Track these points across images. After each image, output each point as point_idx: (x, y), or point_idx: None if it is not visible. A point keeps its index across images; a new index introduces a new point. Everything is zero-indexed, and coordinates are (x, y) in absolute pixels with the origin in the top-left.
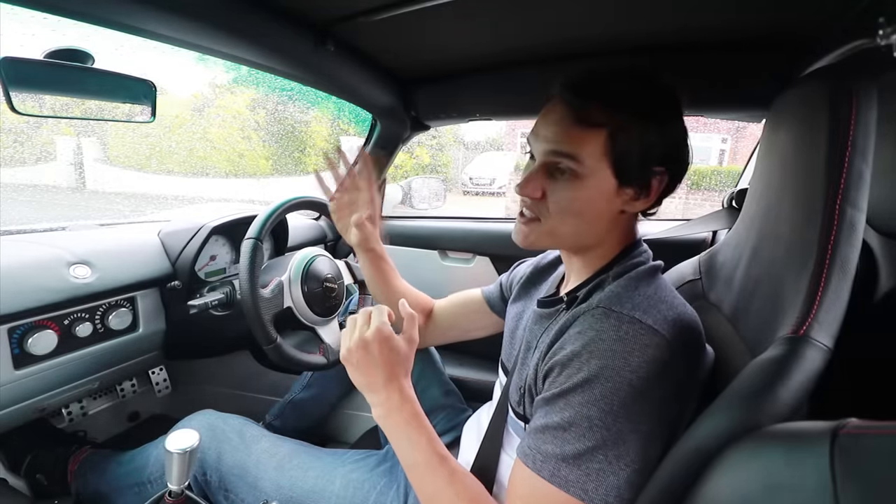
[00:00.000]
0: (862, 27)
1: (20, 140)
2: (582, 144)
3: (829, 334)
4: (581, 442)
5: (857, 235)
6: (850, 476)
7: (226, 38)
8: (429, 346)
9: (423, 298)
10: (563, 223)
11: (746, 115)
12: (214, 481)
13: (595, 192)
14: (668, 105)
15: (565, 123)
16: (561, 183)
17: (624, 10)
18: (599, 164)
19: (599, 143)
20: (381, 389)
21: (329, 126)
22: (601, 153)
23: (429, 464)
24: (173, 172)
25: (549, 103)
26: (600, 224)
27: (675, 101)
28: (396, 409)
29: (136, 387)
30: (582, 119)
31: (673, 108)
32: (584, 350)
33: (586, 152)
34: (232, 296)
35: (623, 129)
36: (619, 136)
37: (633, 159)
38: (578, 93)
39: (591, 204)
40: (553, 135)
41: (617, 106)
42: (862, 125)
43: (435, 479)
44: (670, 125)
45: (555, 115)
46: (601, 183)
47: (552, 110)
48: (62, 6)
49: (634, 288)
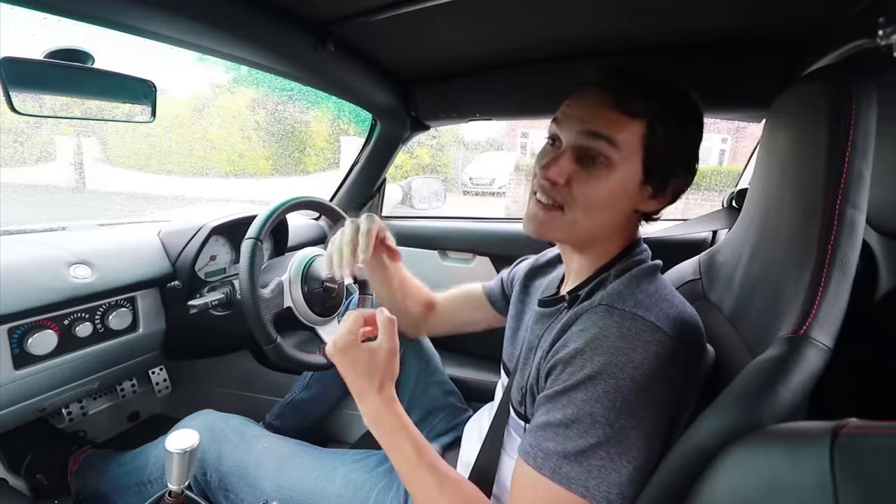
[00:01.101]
0: (862, 27)
1: (20, 140)
2: (621, 130)
3: (829, 334)
4: (583, 439)
5: (857, 235)
6: (850, 476)
7: (226, 38)
8: (429, 335)
9: (423, 292)
10: (587, 215)
11: (746, 115)
12: (214, 481)
13: (621, 185)
14: (695, 107)
15: (605, 108)
16: (591, 171)
17: (624, 11)
18: (633, 156)
19: (637, 133)
20: (364, 396)
21: (329, 126)
22: (637, 144)
23: (415, 471)
24: (173, 172)
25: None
26: (616, 220)
27: (698, 105)
28: (380, 417)
29: (136, 387)
30: (624, 106)
31: (699, 112)
32: (587, 347)
33: (624, 138)
34: (232, 296)
35: (661, 121)
36: (656, 129)
37: (663, 156)
38: (622, 81)
39: (616, 197)
40: (591, 116)
41: (658, 98)
42: (862, 125)
43: (424, 486)
44: (696, 127)
45: (593, 99)
46: (629, 176)
47: (588, 96)
48: (62, 6)
49: (636, 286)
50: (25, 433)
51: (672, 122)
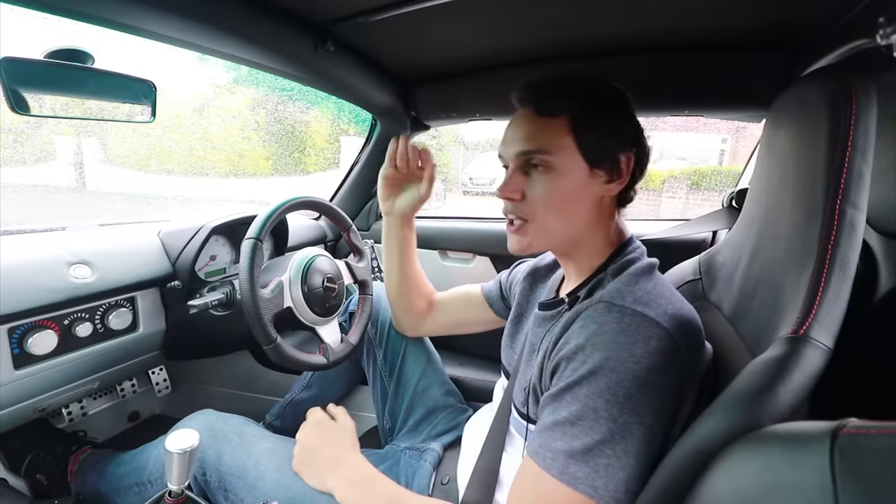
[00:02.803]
0: (862, 27)
1: (20, 140)
2: (548, 135)
3: (829, 334)
4: (589, 436)
5: (857, 235)
6: (850, 476)
7: (226, 38)
8: (428, 335)
9: (429, 287)
10: (550, 217)
11: (746, 115)
12: (214, 481)
13: (570, 180)
14: (614, 90)
15: (529, 120)
16: (537, 178)
17: (624, 11)
18: (568, 152)
19: (563, 129)
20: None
21: (329, 126)
22: (568, 140)
23: None
24: (173, 172)
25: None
26: (585, 214)
27: (627, 99)
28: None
29: (136, 387)
30: (543, 110)
31: (619, 93)
32: (587, 343)
33: (554, 142)
34: (232, 296)
35: (582, 112)
36: (580, 120)
37: (599, 140)
38: (536, 89)
39: (570, 192)
40: (520, 135)
41: (573, 94)
42: (862, 125)
43: None
44: (622, 108)
45: (518, 119)
46: (574, 169)
47: (515, 118)
48: (62, 6)
49: (635, 283)
50: (25, 433)
51: (594, 108)
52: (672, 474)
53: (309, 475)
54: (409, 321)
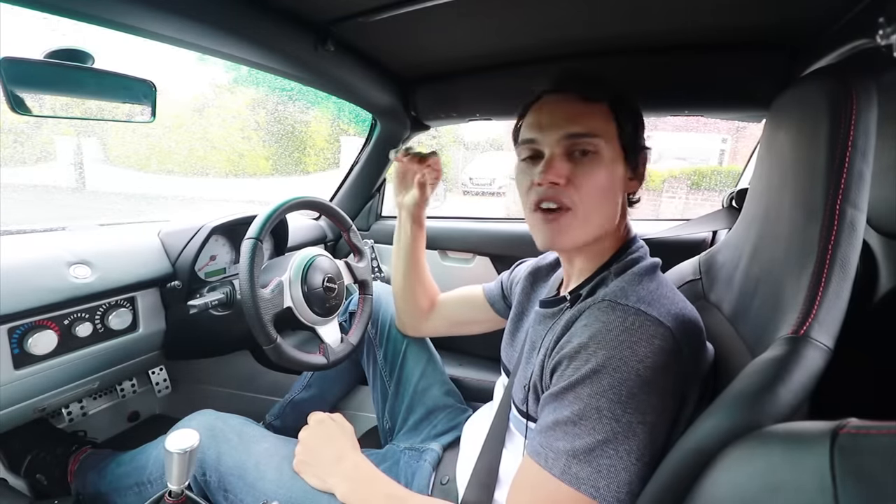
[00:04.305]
0: (862, 27)
1: (20, 140)
2: (596, 119)
3: (829, 334)
4: (591, 435)
5: (857, 235)
6: (850, 476)
7: (226, 38)
8: (429, 335)
9: (434, 287)
10: (595, 205)
11: (746, 115)
12: (214, 481)
13: (614, 170)
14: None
15: (572, 104)
16: (586, 164)
17: (624, 11)
18: (613, 140)
19: (607, 114)
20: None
21: (329, 126)
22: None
23: None
24: (173, 172)
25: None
26: (616, 208)
27: None
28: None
29: (136, 387)
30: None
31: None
32: (590, 341)
33: (602, 126)
34: (232, 296)
35: (619, 101)
36: (618, 108)
37: (633, 131)
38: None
39: (613, 183)
40: (565, 117)
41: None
42: (862, 125)
43: None
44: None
45: (557, 103)
46: (616, 159)
47: (549, 103)
48: (62, 6)
49: (638, 283)
50: (25, 433)
51: (627, 99)
52: (672, 474)
53: (310, 474)
54: (411, 319)
